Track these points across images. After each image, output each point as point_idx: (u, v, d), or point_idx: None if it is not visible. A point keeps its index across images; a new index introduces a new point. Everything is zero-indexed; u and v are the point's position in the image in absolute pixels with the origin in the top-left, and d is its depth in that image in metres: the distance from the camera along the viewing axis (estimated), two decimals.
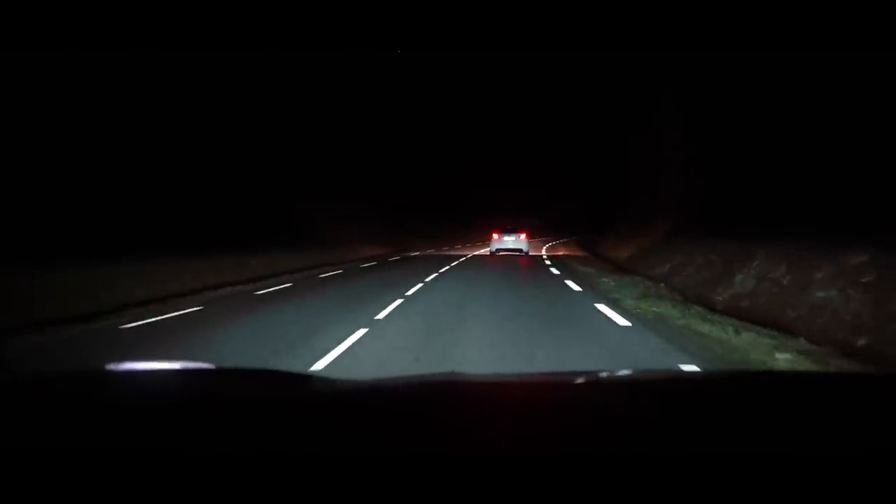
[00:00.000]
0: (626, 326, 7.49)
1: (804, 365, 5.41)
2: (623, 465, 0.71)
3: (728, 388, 1.32)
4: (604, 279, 13.98)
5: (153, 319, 8.50)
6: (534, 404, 1.10)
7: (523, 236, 24.44)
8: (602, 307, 9.16)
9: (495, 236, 24.68)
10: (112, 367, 1.35)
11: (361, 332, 7.10)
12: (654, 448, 0.78)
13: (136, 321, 8.32)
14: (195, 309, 9.48)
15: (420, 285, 12.71)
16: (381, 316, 8.43)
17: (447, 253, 29.17)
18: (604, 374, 1.75)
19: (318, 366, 5.50)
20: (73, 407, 1.00)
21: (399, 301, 9.96)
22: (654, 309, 8.94)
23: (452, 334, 6.98)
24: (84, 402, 1.03)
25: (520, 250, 24.14)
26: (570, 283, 13.17)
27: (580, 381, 1.42)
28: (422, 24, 36.52)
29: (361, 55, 32.21)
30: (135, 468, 0.70)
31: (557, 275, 15.14)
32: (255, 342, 6.67)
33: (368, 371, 5.19)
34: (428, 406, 1.05)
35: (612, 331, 7.26)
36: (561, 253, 28.37)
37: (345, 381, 1.35)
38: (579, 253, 28.14)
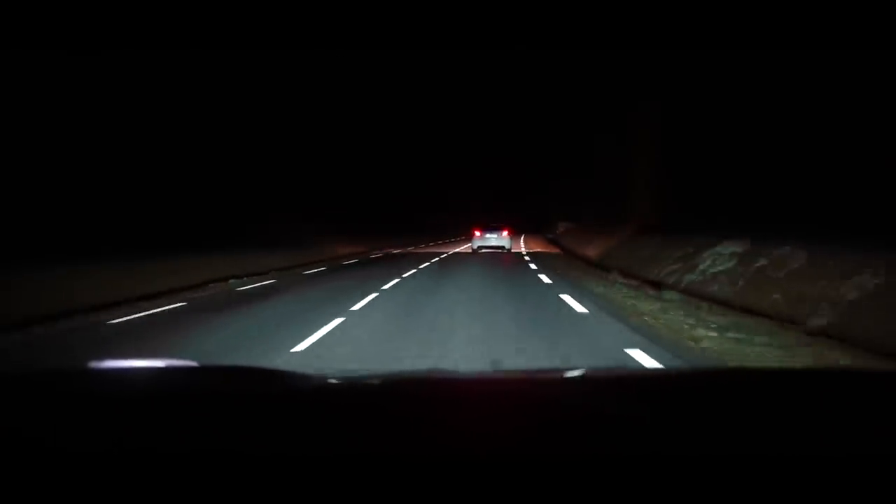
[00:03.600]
0: None
1: None
2: (603, 464, 0.70)
3: (714, 385, 1.28)
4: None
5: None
6: (513, 402, 1.08)
7: (505, 233, 24.30)
8: None
9: (477, 234, 24.60)
10: (94, 364, 1.33)
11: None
12: (635, 447, 0.77)
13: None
14: None
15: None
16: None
17: (421, 251, 27.58)
18: (587, 372, 1.74)
19: None
20: (55, 405, 0.99)
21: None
22: None
23: None
24: (66, 400, 1.03)
25: (502, 247, 23.99)
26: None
27: (561, 378, 1.41)
28: (396, 26, 36.91)
29: (343, 55, 33.00)
30: (117, 466, 0.70)
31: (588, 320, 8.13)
32: None
33: None
34: (407, 404, 1.04)
35: None
36: (551, 251, 26.72)
37: (325, 378, 1.35)
38: (556, 250, 27.36)
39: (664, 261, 12.74)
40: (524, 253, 24.35)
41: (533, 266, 16.40)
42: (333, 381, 1.33)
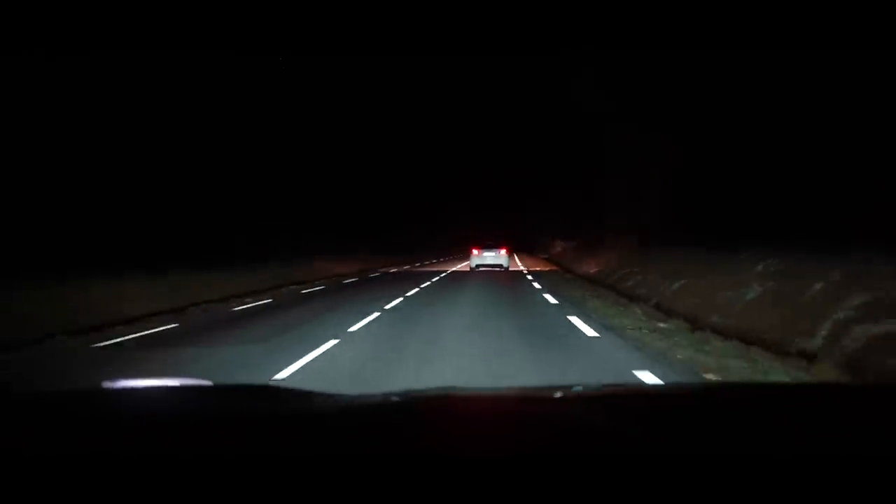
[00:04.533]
0: None
1: None
2: (609, 476, 0.71)
3: (717, 400, 1.28)
4: None
5: None
6: (528, 417, 1.08)
7: (503, 252, 23.87)
8: None
9: (475, 252, 24.12)
10: (108, 384, 1.31)
11: None
12: (642, 461, 0.77)
13: None
14: None
15: None
16: None
17: (417, 270, 24.65)
18: (601, 387, 1.76)
19: None
20: (69, 425, 0.98)
21: None
22: None
23: None
24: (80, 421, 1.03)
25: (500, 266, 23.70)
26: None
27: (576, 394, 1.43)
28: (384, 33, 37.80)
29: (343, 63, 33.06)
30: (132, 485, 0.70)
31: None
32: None
33: None
34: (421, 421, 1.04)
35: None
36: (563, 275, 22.49)
37: (342, 397, 1.33)
38: (569, 276, 23.80)
39: (826, 311, 6.67)
40: (532, 280, 18.72)
41: (603, 339, 7.47)
42: (350, 399, 1.30)
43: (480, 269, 23.84)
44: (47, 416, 1.07)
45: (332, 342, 7.38)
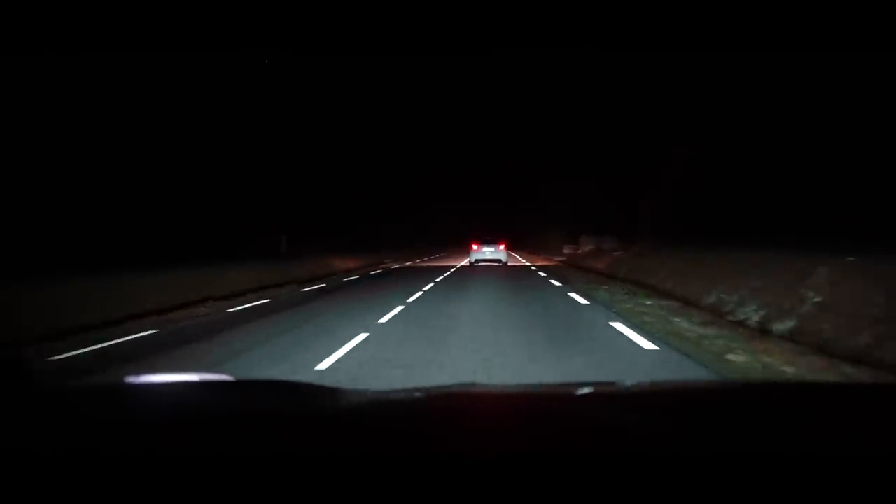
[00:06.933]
0: None
1: None
2: (629, 476, 0.71)
3: (731, 398, 1.30)
4: None
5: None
6: (548, 416, 1.08)
7: (502, 247, 24.66)
8: None
9: (474, 247, 24.83)
10: (131, 379, 1.36)
11: None
12: (655, 455, 0.79)
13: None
14: None
15: None
16: None
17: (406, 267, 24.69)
18: (617, 385, 1.77)
19: None
20: (92, 420, 1.00)
21: None
22: None
23: None
24: (103, 416, 1.04)
25: (498, 261, 24.28)
26: None
27: (593, 391, 1.44)
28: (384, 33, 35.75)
29: (343, 63, 33.57)
30: (152, 480, 0.71)
31: None
32: None
33: None
34: (441, 419, 1.05)
35: None
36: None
37: (362, 394, 1.37)
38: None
39: None
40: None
41: None
42: (369, 395, 1.33)
43: (480, 263, 24.10)
44: (70, 410, 1.09)
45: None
